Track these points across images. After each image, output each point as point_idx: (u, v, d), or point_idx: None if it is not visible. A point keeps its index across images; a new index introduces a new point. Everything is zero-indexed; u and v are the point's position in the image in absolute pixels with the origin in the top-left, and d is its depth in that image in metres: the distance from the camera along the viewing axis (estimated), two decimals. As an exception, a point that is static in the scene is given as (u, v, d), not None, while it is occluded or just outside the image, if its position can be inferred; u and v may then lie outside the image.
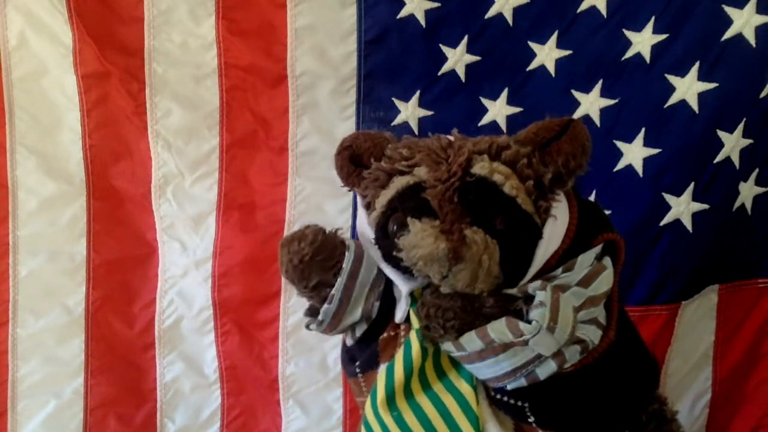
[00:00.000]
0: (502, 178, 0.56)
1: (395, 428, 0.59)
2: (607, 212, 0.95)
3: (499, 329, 0.55)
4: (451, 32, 0.97)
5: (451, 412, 0.58)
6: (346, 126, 1.00)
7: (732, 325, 1.04)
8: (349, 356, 0.67)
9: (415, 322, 0.59)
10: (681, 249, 0.97)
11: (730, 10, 0.90)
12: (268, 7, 0.99)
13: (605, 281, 0.58)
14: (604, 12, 0.94)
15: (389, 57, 0.98)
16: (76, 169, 1.03)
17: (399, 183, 0.58)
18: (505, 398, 0.58)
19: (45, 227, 1.04)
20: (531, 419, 0.58)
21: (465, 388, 0.59)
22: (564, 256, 0.58)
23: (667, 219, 0.96)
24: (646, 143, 0.95)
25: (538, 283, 0.56)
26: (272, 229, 1.04)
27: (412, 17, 0.97)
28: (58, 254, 1.05)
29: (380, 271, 0.62)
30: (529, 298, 0.57)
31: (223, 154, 1.03)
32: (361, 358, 0.65)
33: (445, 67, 0.97)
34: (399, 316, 0.62)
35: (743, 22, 0.90)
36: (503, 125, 0.98)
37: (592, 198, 0.98)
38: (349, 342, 0.66)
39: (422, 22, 0.97)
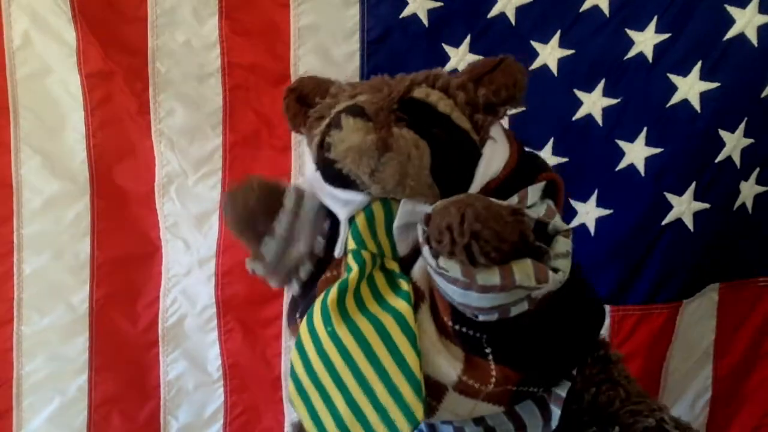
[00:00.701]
0: (435, 99, 0.58)
1: (329, 344, 0.55)
2: (609, 212, 0.98)
3: (525, 272, 0.49)
4: (453, 32, 0.97)
5: (387, 329, 0.55)
6: (348, 125, 1.01)
7: (733, 323, 1.04)
8: (292, 306, 0.66)
9: (351, 244, 0.58)
10: (682, 248, 0.97)
11: (732, 10, 0.90)
12: (271, 6, 0.99)
13: (558, 224, 0.57)
14: (606, 11, 0.94)
15: (392, 56, 0.98)
16: (80, 168, 1.04)
17: (340, 106, 0.58)
18: (464, 329, 0.55)
19: (49, 226, 1.04)
20: (488, 350, 0.55)
21: (402, 306, 0.55)
22: (505, 184, 0.58)
23: (669, 218, 0.96)
24: (648, 143, 0.95)
25: (562, 224, 0.55)
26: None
27: (414, 17, 0.97)
28: (63, 253, 1.05)
29: (323, 208, 0.61)
30: (544, 235, 0.54)
31: (227, 154, 1.03)
32: (303, 304, 0.63)
33: (448, 67, 0.97)
34: (338, 249, 0.60)
35: (745, 21, 0.90)
36: (505, 124, 0.98)
37: (593, 197, 0.99)
38: (296, 290, 0.64)
39: (425, 21, 0.97)
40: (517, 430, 0.62)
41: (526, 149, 0.65)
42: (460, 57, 0.97)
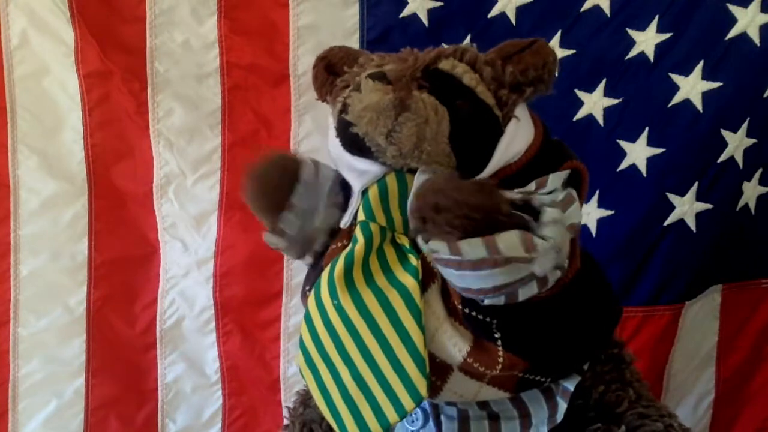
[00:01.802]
0: (461, 71, 0.57)
1: (335, 316, 0.55)
2: (611, 212, 0.97)
3: (510, 241, 0.49)
4: (454, 32, 0.97)
5: (392, 304, 0.54)
6: (348, 125, 1.00)
7: (735, 325, 1.04)
8: (306, 279, 0.66)
9: (361, 215, 0.58)
10: (684, 249, 0.96)
11: (734, 9, 0.90)
12: (270, 6, 0.99)
13: (575, 214, 0.56)
14: (607, 11, 0.94)
15: (392, 57, 0.98)
16: (78, 169, 1.03)
17: (364, 74, 0.57)
18: (473, 313, 0.55)
19: (46, 227, 1.04)
20: (497, 335, 0.55)
21: (409, 281, 0.55)
22: (527, 169, 0.57)
23: (671, 219, 0.95)
24: (650, 143, 0.95)
25: (547, 198, 0.53)
26: (274, 228, 1.04)
27: (414, 16, 0.97)
28: (60, 254, 1.04)
29: (340, 179, 0.62)
30: (530, 211, 0.53)
31: (225, 154, 1.03)
32: (314, 275, 0.62)
33: (448, 67, 0.97)
34: (345, 219, 0.60)
35: (748, 21, 0.90)
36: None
37: (595, 198, 0.98)
38: (309, 261, 0.65)
39: (425, 21, 0.97)
40: (521, 418, 0.61)
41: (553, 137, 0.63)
42: (460, 57, 0.97)
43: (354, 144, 0.56)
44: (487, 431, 0.61)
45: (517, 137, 0.58)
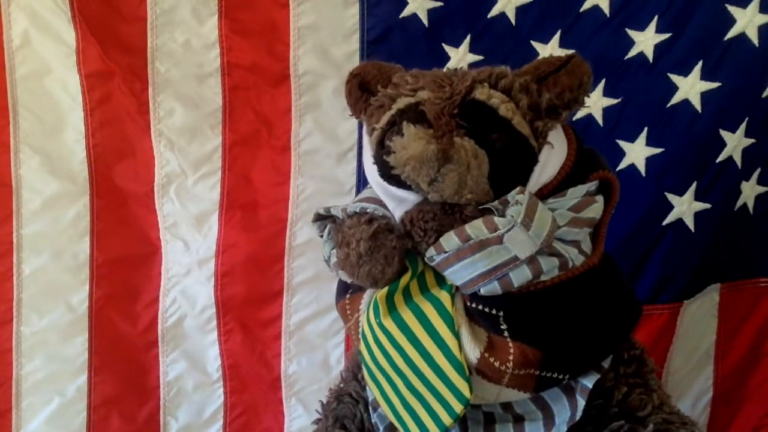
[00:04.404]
0: (497, 102, 0.57)
1: (381, 335, 0.60)
2: (610, 212, 0.98)
3: (475, 225, 0.56)
4: (453, 32, 0.97)
5: (427, 316, 0.59)
6: (348, 125, 1.00)
7: (733, 324, 1.04)
8: (343, 284, 0.68)
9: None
10: (683, 248, 0.97)
11: (733, 10, 0.90)
12: (270, 6, 0.99)
13: (593, 210, 0.59)
14: (606, 11, 0.94)
15: (392, 56, 0.96)
16: (80, 168, 1.03)
17: (401, 102, 0.60)
18: (480, 306, 0.58)
19: (48, 226, 1.04)
20: (503, 327, 0.58)
21: (442, 294, 0.60)
22: (558, 189, 0.60)
23: (670, 218, 0.96)
24: (649, 142, 0.95)
25: (516, 189, 0.57)
26: (274, 228, 1.04)
27: (414, 16, 0.97)
28: (62, 253, 1.05)
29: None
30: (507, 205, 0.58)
31: (226, 154, 1.03)
32: (341, 285, 0.68)
33: (449, 66, 0.97)
34: None
35: (746, 21, 0.90)
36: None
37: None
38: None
39: (425, 21, 0.97)
40: (544, 418, 0.63)
41: (587, 146, 0.65)
42: (460, 57, 0.97)
43: (394, 179, 0.59)
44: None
45: (550, 162, 0.60)
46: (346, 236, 0.60)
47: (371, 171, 0.62)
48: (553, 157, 0.60)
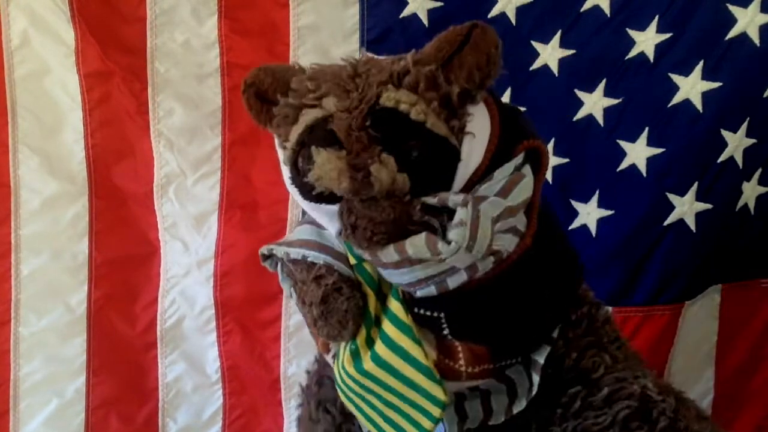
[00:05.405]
0: (407, 106, 0.53)
1: (362, 377, 0.59)
2: (611, 212, 0.97)
3: (417, 246, 0.53)
4: (453, 32, 0.97)
5: (386, 331, 0.58)
6: (348, 125, 1.00)
7: (735, 325, 1.04)
8: None
9: (351, 258, 0.59)
10: (684, 249, 0.96)
11: (734, 9, 0.90)
12: (270, 6, 0.99)
13: (524, 190, 0.56)
14: (607, 11, 0.94)
15: (392, 56, 0.98)
16: (79, 169, 1.03)
17: (307, 117, 0.56)
18: (422, 311, 0.57)
19: (47, 226, 1.04)
20: (446, 331, 0.57)
21: (394, 304, 0.58)
22: (487, 172, 0.56)
23: (671, 219, 0.95)
24: (650, 143, 0.95)
25: (459, 197, 0.54)
26: (274, 228, 1.04)
27: (414, 16, 0.97)
28: (61, 253, 1.05)
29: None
30: (449, 211, 0.54)
31: (225, 154, 1.03)
32: None
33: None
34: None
35: (747, 21, 0.90)
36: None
37: (595, 198, 0.98)
38: None
39: (425, 21, 0.97)
40: (509, 389, 0.63)
41: (510, 105, 0.62)
42: (460, 57, 0.97)
43: (315, 197, 0.56)
44: (479, 407, 0.63)
45: (475, 150, 0.56)
46: (300, 291, 0.60)
47: (293, 191, 0.60)
48: (476, 146, 0.56)
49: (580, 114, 0.97)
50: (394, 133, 0.53)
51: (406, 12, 0.97)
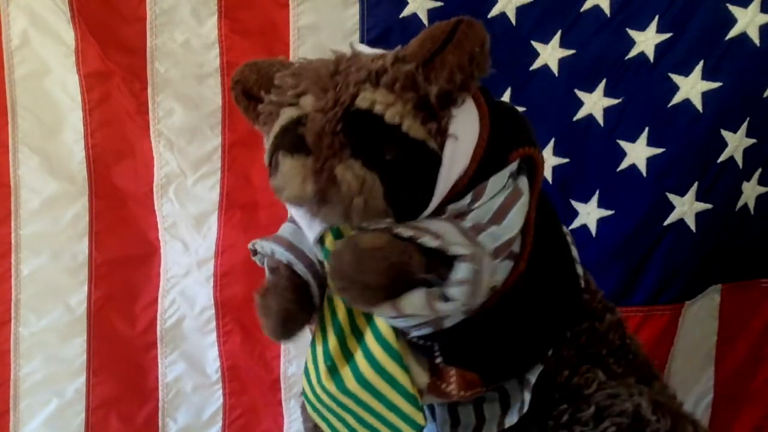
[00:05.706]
0: (382, 107, 0.50)
1: (344, 398, 0.57)
2: (610, 213, 0.97)
3: (415, 304, 0.50)
4: (453, 32, 0.97)
5: (373, 352, 0.55)
6: (348, 125, 1.00)
7: (735, 325, 1.04)
8: None
9: (327, 266, 0.56)
10: (684, 249, 0.96)
11: (734, 9, 0.90)
12: (270, 6, 0.99)
13: (520, 213, 0.52)
14: (607, 11, 0.94)
15: (392, 56, 0.97)
16: (79, 169, 1.03)
17: (284, 117, 0.53)
18: (415, 338, 0.56)
19: (47, 226, 1.04)
20: (439, 358, 0.56)
21: (382, 325, 0.55)
22: (476, 177, 0.52)
23: (671, 219, 0.95)
24: (650, 143, 0.95)
25: (459, 247, 0.49)
26: (274, 228, 1.02)
27: (414, 16, 0.97)
28: (61, 253, 1.05)
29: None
30: (448, 258, 0.50)
31: (226, 154, 1.03)
32: None
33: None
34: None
35: (747, 21, 0.90)
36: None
37: (595, 198, 0.98)
38: None
39: (425, 21, 0.97)
40: (501, 399, 0.61)
41: (505, 104, 0.60)
42: (460, 57, 0.97)
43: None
44: (472, 414, 0.62)
45: (459, 154, 0.52)
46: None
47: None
48: (459, 149, 0.52)
49: (580, 114, 0.97)
50: (366, 139, 0.50)
51: (406, 12, 0.97)
